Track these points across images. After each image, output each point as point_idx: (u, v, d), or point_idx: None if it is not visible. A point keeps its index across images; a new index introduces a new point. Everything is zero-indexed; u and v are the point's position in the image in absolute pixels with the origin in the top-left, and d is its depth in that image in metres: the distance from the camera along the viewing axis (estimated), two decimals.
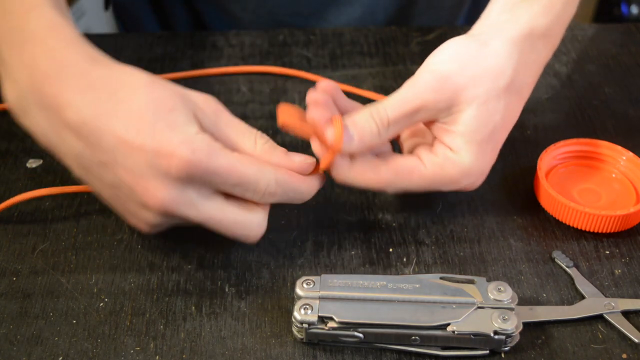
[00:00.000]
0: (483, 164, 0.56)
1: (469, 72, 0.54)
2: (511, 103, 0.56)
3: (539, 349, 0.52)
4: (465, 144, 0.55)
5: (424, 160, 0.56)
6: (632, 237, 0.60)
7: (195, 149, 0.49)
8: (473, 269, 0.57)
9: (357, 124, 0.54)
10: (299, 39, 0.80)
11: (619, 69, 0.77)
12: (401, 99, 0.54)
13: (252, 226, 0.53)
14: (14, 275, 0.57)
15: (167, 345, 0.52)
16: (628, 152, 0.63)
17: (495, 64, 0.55)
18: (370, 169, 0.55)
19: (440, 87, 0.54)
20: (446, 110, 0.55)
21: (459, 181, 0.56)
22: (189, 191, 0.50)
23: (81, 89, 0.50)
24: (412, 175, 0.55)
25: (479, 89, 0.54)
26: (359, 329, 0.50)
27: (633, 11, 1.59)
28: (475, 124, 0.54)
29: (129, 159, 0.49)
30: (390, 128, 0.55)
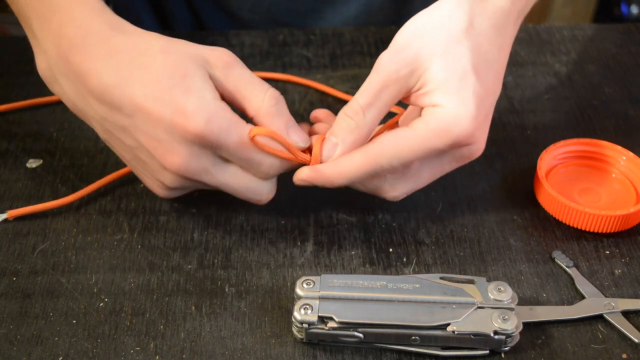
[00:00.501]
0: (467, 108, 0.53)
1: (422, 34, 0.54)
2: (479, 46, 0.54)
3: (539, 349, 0.52)
4: (442, 94, 0.53)
5: (411, 125, 0.54)
6: (632, 237, 0.60)
7: (210, 119, 0.51)
8: (473, 269, 0.57)
9: (334, 129, 0.55)
10: (299, 39, 0.80)
11: (619, 69, 0.77)
12: (367, 83, 0.55)
13: (262, 191, 0.56)
14: (14, 275, 0.57)
15: (167, 345, 0.52)
16: (628, 152, 0.63)
17: (445, 15, 0.54)
18: (356, 152, 0.54)
19: (397, 57, 0.54)
20: (412, 75, 0.54)
21: (448, 130, 0.53)
22: (204, 157, 0.53)
23: (103, 56, 0.53)
24: (398, 139, 0.53)
25: (434, 44, 0.53)
26: (359, 329, 0.50)
27: (633, 11, 1.59)
28: (443, 74, 0.53)
29: (147, 124, 0.52)
30: (367, 114, 0.54)
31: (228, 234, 0.60)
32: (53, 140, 0.68)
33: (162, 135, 0.52)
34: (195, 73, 0.52)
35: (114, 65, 0.52)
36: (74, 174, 0.65)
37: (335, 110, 0.71)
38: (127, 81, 0.52)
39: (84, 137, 0.68)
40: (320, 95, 0.73)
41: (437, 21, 0.55)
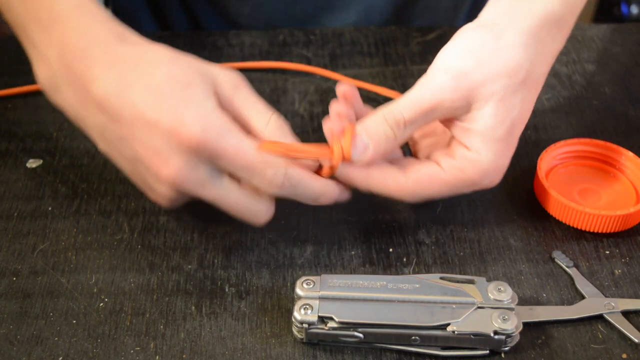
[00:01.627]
0: (502, 161, 0.55)
1: (485, 68, 0.53)
2: (527, 96, 0.55)
3: (539, 349, 0.52)
4: (484, 142, 0.53)
5: (443, 165, 0.55)
6: (632, 237, 0.60)
7: (207, 126, 0.50)
8: (473, 269, 0.57)
9: (370, 130, 0.53)
10: (299, 39, 0.80)
11: (619, 69, 0.77)
12: (417, 98, 0.53)
13: (258, 213, 0.54)
14: (14, 275, 0.57)
15: (167, 345, 0.52)
16: (628, 152, 0.63)
17: (512, 58, 0.53)
18: (389, 178, 0.54)
19: (456, 85, 0.53)
20: (463, 107, 0.53)
21: (480, 182, 0.55)
22: (200, 169, 0.51)
23: (107, 64, 0.52)
24: (433, 183, 0.54)
25: (496, 85, 0.53)
26: (359, 329, 0.50)
27: (633, 11, 1.59)
28: (494, 121, 0.53)
29: (145, 133, 0.51)
30: (407, 130, 0.54)
31: (228, 234, 0.60)
32: (53, 140, 0.68)
33: (159, 144, 0.50)
34: (199, 85, 0.51)
35: (117, 73, 0.51)
36: (74, 174, 0.65)
37: None
38: (128, 89, 0.51)
39: (84, 137, 0.68)
40: (320, 95, 0.73)
41: (501, 59, 0.53)
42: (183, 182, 0.51)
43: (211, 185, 0.52)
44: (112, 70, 0.52)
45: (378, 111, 0.54)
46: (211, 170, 0.52)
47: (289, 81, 0.75)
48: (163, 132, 0.50)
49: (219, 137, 0.50)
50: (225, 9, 0.87)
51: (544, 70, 0.56)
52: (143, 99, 0.50)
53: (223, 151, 0.50)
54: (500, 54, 0.53)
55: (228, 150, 0.50)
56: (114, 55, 0.52)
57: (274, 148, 0.52)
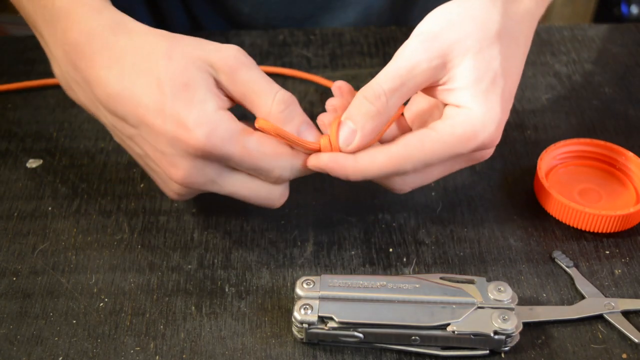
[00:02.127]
0: (494, 113, 0.52)
1: (456, 27, 0.53)
2: (508, 49, 0.54)
3: (539, 349, 0.52)
4: (471, 96, 0.52)
5: (434, 127, 0.53)
6: (632, 237, 0.60)
7: (211, 132, 0.50)
8: (473, 269, 0.57)
9: (352, 113, 0.52)
10: (299, 39, 0.80)
11: (619, 69, 0.77)
12: (392, 68, 0.52)
13: (274, 196, 0.55)
14: (14, 275, 0.57)
15: (167, 345, 0.52)
16: (628, 152, 0.63)
17: (481, 14, 0.53)
18: (379, 152, 0.52)
19: (430, 46, 0.52)
20: (441, 68, 0.52)
21: (474, 136, 0.52)
22: (209, 169, 0.52)
23: (107, 62, 0.52)
24: (424, 144, 0.52)
25: (469, 40, 0.52)
26: (359, 329, 0.50)
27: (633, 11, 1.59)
28: (475, 74, 0.52)
29: (151, 136, 0.51)
30: (390, 101, 0.52)
31: (228, 234, 0.60)
32: (53, 140, 0.68)
33: (165, 148, 0.51)
34: (198, 82, 0.51)
35: (117, 72, 0.51)
36: (74, 174, 0.65)
37: None
38: (130, 90, 0.51)
39: (84, 137, 0.68)
40: (320, 95, 0.73)
41: (471, 16, 0.53)
42: (192, 182, 0.52)
43: (221, 182, 0.53)
44: (112, 68, 0.52)
45: (358, 92, 0.53)
46: (220, 168, 0.52)
47: (289, 81, 0.75)
48: (168, 138, 0.50)
49: (223, 141, 0.50)
50: (224, 9, 0.87)
51: (520, 27, 0.55)
52: (144, 102, 0.50)
53: (229, 155, 0.50)
54: (468, 13, 0.53)
55: (234, 153, 0.51)
56: (112, 50, 0.52)
57: (269, 128, 0.51)
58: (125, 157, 0.66)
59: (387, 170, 0.52)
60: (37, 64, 0.76)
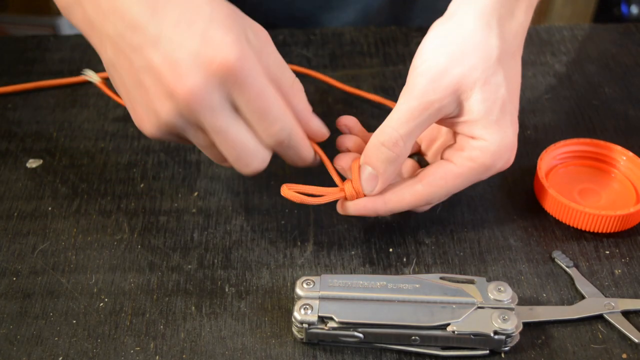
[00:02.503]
0: (509, 139, 0.55)
1: (460, 60, 0.53)
2: (509, 71, 0.55)
3: (539, 349, 0.52)
4: (484, 128, 0.54)
5: (453, 160, 0.55)
6: (632, 237, 0.60)
7: (245, 56, 0.49)
8: (473, 269, 0.57)
9: (372, 159, 0.54)
10: (299, 39, 0.80)
11: (619, 69, 0.77)
12: (405, 111, 0.53)
13: (256, 156, 0.52)
14: (14, 275, 0.57)
15: (167, 345, 0.52)
16: (628, 152, 0.63)
17: (480, 42, 0.54)
18: (406, 191, 0.55)
19: (439, 86, 0.53)
20: (453, 103, 0.54)
21: (493, 165, 0.55)
22: (217, 93, 0.49)
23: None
24: (447, 179, 0.55)
25: (475, 72, 0.53)
26: (359, 329, 0.50)
27: (633, 11, 1.59)
28: (484, 106, 0.53)
29: (173, 42, 0.49)
30: (407, 144, 0.54)
31: (228, 234, 0.60)
32: (53, 140, 0.68)
33: (185, 56, 0.49)
34: (239, 20, 0.50)
35: None
36: (74, 174, 0.65)
37: (335, 110, 0.71)
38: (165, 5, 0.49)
39: (84, 137, 0.68)
40: (320, 95, 0.73)
41: (472, 46, 0.54)
42: (195, 100, 0.49)
43: (220, 114, 0.50)
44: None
45: (373, 137, 0.54)
46: (226, 100, 0.50)
47: None
48: (194, 45, 0.48)
49: (251, 70, 0.49)
50: None
51: (516, 42, 0.57)
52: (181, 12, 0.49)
53: (250, 85, 0.49)
54: (468, 43, 0.54)
55: (254, 86, 0.49)
56: None
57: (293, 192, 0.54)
58: (125, 157, 0.66)
59: (414, 206, 0.57)
60: (37, 64, 0.77)
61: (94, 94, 0.73)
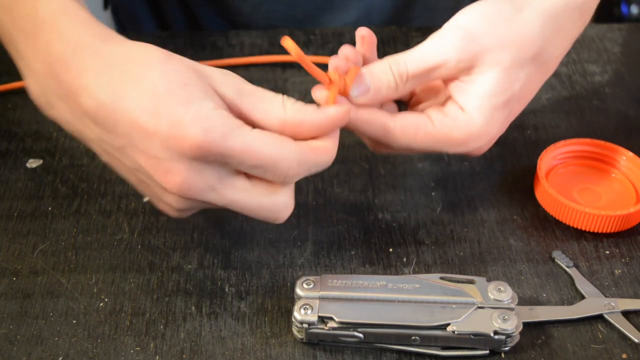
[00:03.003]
0: (493, 130, 0.54)
1: (497, 35, 0.52)
2: (534, 74, 0.54)
3: (539, 349, 0.52)
4: (479, 106, 0.53)
5: (433, 118, 0.54)
6: (632, 237, 0.60)
7: (209, 128, 0.46)
8: (473, 269, 0.57)
9: (374, 74, 0.53)
10: (299, 39, 0.80)
11: (619, 69, 0.77)
12: (424, 54, 0.53)
13: (277, 208, 0.50)
14: (14, 275, 0.57)
15: (167, 345, 0.52)
16: (628, 152, 0.63)
17: (526, 32, 0.53)
18: (378, 117, 0.53)
19: (465, 46, 0.52)
20: (467, 69, 0.53)
21: (465, 143, 0.54)
22: (208, 173, 0.48)
23: (96, 70, 0.48)
24: (419, 132, 0.54)
25: (504, 54, 0.52)
26: (359, 329, 0.50)
27: (633, 11, 1.59)
28: (494, 88, 0.53)
29: (145, 142, 0.47)
30: (409, 83, 0.53)
31: (228, 234, 0.60)
32: (53, 140, 0.68)
33: (160, 152, 0.47)
34: (197, 83, 0.47)
35: (107, 79, 0.48)
36: (74, 174, 0.65)
37: None
38: (121, 95, 0.47)
39: None
40: None
41: (515, 31, 0.53)
42: (190, 189, 0.48)
43: (222, 189, 0.48)
44: (101, 76, 0.48)
45: (385, 59, 0.54)
46: (220, 172, 0.48)
47: (289, 81, 0.75)
48: (162, 140, 0.46)
49: (223, 137, 0.46)
50: (224, 9, 0.87)
51: (558, 53, 0.56)
52: (138, 105, 0.47)
53: (230, 151, 0.47)
54: (515, 26, 0.53)
55: (236, 149, 0.47)
56: (102, 59, 0.48)
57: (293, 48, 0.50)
58: None
59: (375, 137, 0.54)
60: None
61: None
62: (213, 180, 0.48)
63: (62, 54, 0.49)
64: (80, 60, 0.48)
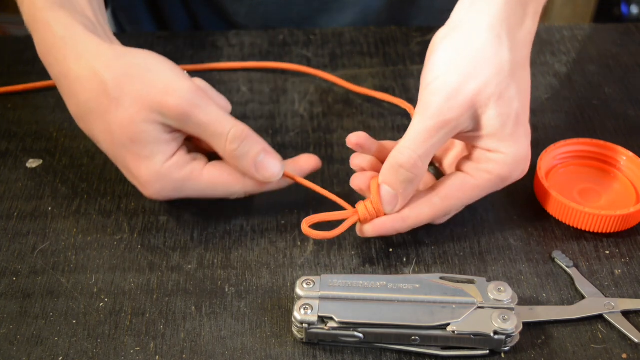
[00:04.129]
0: (524, 149, 0.55)
1: (474, 76, 0.53)
2: (521, 83, 0.55)
3: (539, 349, 0.52)
4: (500, 141, 0.54)
5: (470, 172, 0.55)
6: (632, 237, 0.60)
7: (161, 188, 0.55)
8: (473, 269, 0.57)
9: (391, 181, 0.54)
10: (299, 39, 0.80)
11: (619, 69, 0.77)
12: (422, 131, 0.53)
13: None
14: (14, 275, 0.57)
15: (167, 345, 0.52)
16: (628, 152, 0.63)
17: (492, 56, 0.53)
18: (424, 206, 0.55)
19: (454, 104, 0.53)
20: (469, 119, 0.54)
21: (510, 176, 0.55)
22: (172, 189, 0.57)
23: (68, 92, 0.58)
24: (464, 191, 0.55)
25: (489, 88, 0.53)
26: (359, 329, 0.50)
27: (633, 11, 1.59)
28: (500, 120, 0.53)
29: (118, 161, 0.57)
30: (424, 164, 0.54)
31: (228, 234, 0.60)
32: (53, 140, 0.68)
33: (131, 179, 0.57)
34: (144, 137, 0.54)
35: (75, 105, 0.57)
36: (74, 174, 0.65)
37: (336, 110, 0.71)
38: (88, 127, 0.57)
39: (84, 137, 0.68)
40: (320, 95, 0.73)
41: (485, 60, 0.53)
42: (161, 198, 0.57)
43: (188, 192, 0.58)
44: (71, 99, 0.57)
45: (390, 157, 0.54)
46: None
47: (289, 81, 0.75)
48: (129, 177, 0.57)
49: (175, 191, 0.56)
50: (221, 10, 0.87)
51: (525, 52, 0.56)
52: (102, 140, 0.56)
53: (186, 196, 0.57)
54: (479, 57, 0.53)
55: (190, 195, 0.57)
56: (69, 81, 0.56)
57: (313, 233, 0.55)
58: None
59: (433, 219, 0.57)
60: (37, 63, 0.76)
61: None
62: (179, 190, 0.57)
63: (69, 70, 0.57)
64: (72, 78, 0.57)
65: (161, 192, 0.55)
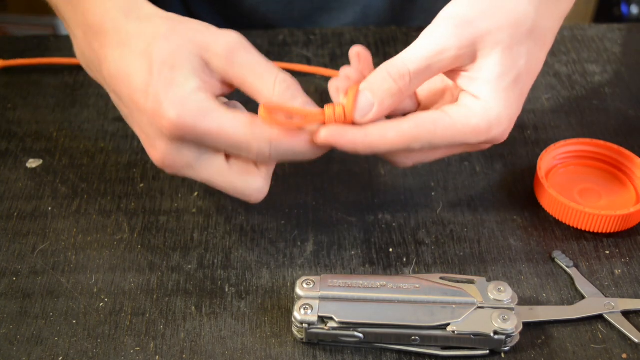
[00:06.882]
0: (511, 111, 0.53)
1: (490, 17, 0.51)
2: (534, 48, 0.53)
3: (539, 349, 0.52)
4: (492, 90, 0.52)
5: (448, 111, 0.52)
6: (632, 237, 0.60)
7: (183, 111, 0.49)
8: (473, 269, 0.57)
9: (374, 86, 0.52)
10: (299, 39, 0.80)
11: (619, 69, 0.77)
12: (421, 49, 0.52)
13: (250, 192, 0.53)
14: (14, 275, 0.57)
15: (167, 345, 0.52)
16: (628, 152, 0.63)
17: (516, 8, 0.52)
18: (390, 127, 0.52)
19: (460, 33, 0.51)
20: (469, 56, 0.52)
21: (487, 131, 0.52)
22: (186, 151, 0.51)
23: (114, 44, 0.53)
24: (436, 126, 0.51)
25: (501, 34, 0.51)
26: (359, 329, 0.50)
27: (633, 11, 1.59)
28: (500, 69, 0.52)
29: (138, 116, 0.52)
30: (413, 82, 0.52)
31: (228, 234, 0.60)
32: (53, 140, 0.68)
33: (148, 128, 0.52)
34: (184, 64, 0.50)
35: (119, 54, 0.52)
36: (74, 174, 0.65)
37: None
38: (125, 71, 0.51)
39: (84, 137, 0.68)
40: (320, 95, 0.73)
41: (506, 8, 0.52)
42: (169, 166, 0.52)
43: (199, 167, 0.52)
44: (116, 50, 0.52)
45: (381, 66, 0.52)
46: (198, 151, 0.52)
47: None
48: (148, 117, 0.51)
49: (196, 120, 0.49)
50: (223, 8, 0.87)
51: (551, 25, 0.55)
52: (135, 82, 0.51)
53: (203, 133, 0.50)
54: (504, 4, 0.52)
55: (209, 130, 0.50)
56: (121, 34, 0.52)
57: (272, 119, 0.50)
58: (125, 157, 0.66)
59: (395, 147, 0.52)
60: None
61: (94, 94, 0.73)
62: (191, 159, 0.52)
63: (93, 23, 0.54)
64: (105, 33, 0.53)
65: (181, 115, 0.49)
